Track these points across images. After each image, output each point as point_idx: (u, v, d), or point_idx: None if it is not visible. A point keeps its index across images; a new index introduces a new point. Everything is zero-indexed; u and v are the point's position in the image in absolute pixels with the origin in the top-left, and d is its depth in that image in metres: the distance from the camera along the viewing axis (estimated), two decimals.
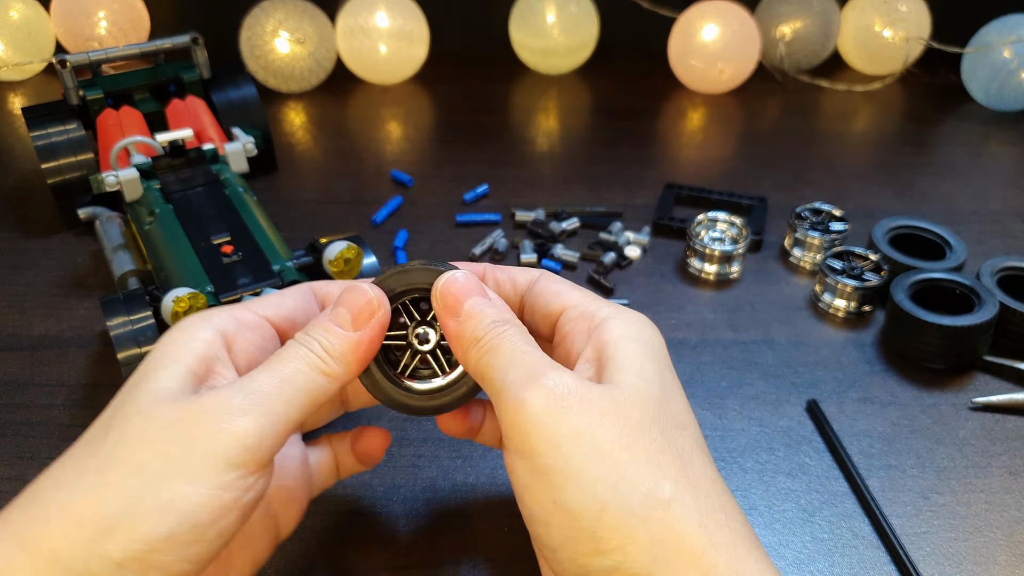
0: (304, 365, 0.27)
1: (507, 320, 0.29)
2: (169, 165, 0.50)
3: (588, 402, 0.26)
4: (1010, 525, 0.37)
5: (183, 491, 0.24)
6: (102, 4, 0.75)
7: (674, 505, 0.24)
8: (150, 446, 0.25)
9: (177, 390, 0.26)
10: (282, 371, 0.27)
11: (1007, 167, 0.67)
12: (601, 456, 0.25)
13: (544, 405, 0.25)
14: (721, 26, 0.74)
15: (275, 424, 0.26)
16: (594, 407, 0.26)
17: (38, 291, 0.51)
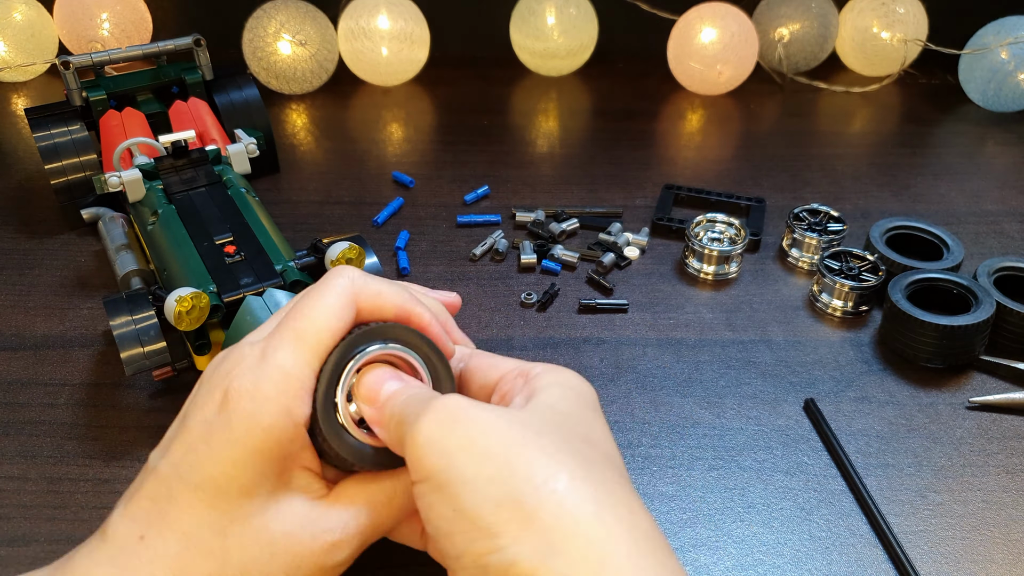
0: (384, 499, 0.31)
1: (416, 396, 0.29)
2: (172, 166, 0.50)
3: (479, 415, 0.26)
4: (1007, 524, 0.38)
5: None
6: (105, 6, 0.75)
7: (569, 495, 0.24)
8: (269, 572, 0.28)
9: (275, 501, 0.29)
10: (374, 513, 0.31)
11: (1004, 168, 0.67)
12: (492, 458, 0.25)
13: (436, 424, 0.26)
14: (720, 28, 0.74)
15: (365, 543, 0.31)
16: (485, 417, 0.26)
17: (41, 291, 0.52)
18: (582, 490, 0.24)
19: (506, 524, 0.24)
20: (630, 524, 0.24)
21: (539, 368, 0.30)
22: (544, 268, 0.54)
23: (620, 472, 0.27)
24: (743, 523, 0.38)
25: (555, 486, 0.24)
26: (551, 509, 0.24)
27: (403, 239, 0.56)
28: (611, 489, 0.25)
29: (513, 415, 0.27)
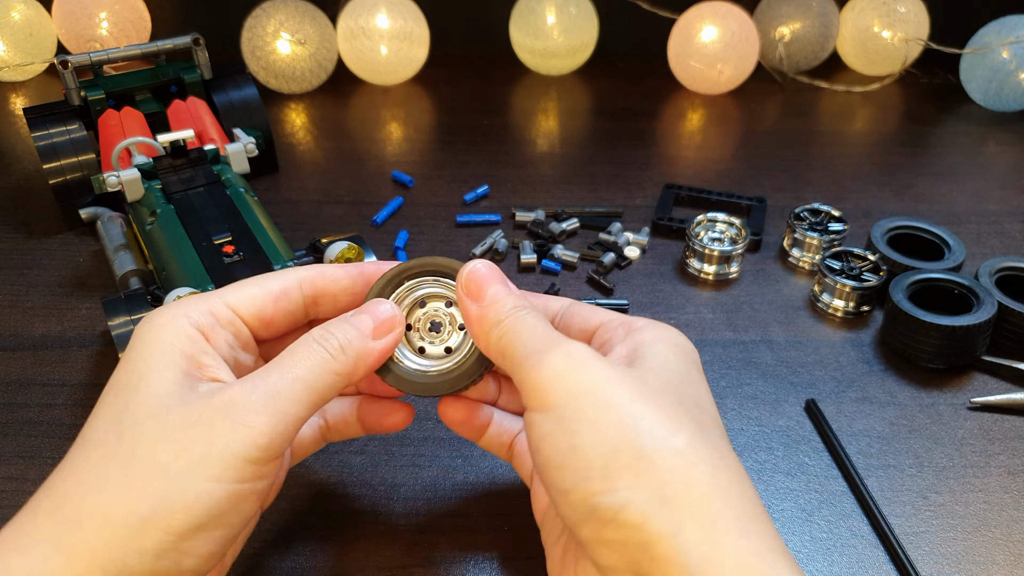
0: (317, 365, 0.28)
1: (526, 306, 0.30)
2: (170, 165, 0.50)
3: (605, 366, 0.27)
4: (1008, 524, 0.38)
5: (207, 488, 0.26)
6: (103, 5, 0.75)
7: (688, 453, 0.25)
8: (171, 448, 0.26)
9: (178, 392, 0.27)
10: (296, 370, 0.28)
11: (1005, 167, 0.67)
12: (617, 406, 0.26)
13: (564, 363, 0.27)
14: (720, 27, 0.74)
15: (287, 423, 0.27)
16: (611, 370, 0.27)
17: (40, 291, 0.51)
18: (700, 451, 0.25)
19: (623, 469, 0.25)
20: (740, 490, 0.25)
21: (642, 322, 0.31)
22: (544, 268, 0.54)
23: (727, 440, 0.28)
24: None
25: (676, 443, 0.25)
26: (669, 463, 0.25)
27: (402, 239, 0.56)
28: (724, 454, 0.26)
29: (633, 372, 0.27)
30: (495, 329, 0.29)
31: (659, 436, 0.25)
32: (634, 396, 0.26)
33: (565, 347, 0.27)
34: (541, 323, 0.29)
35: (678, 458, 0.25)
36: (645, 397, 0.26)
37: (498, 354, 0.29)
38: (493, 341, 0.29)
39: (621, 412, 0.26)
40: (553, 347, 0.27)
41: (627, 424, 0.25)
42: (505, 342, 0.29)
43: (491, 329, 0.29)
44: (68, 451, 0.28)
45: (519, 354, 0.28)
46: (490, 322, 0.30)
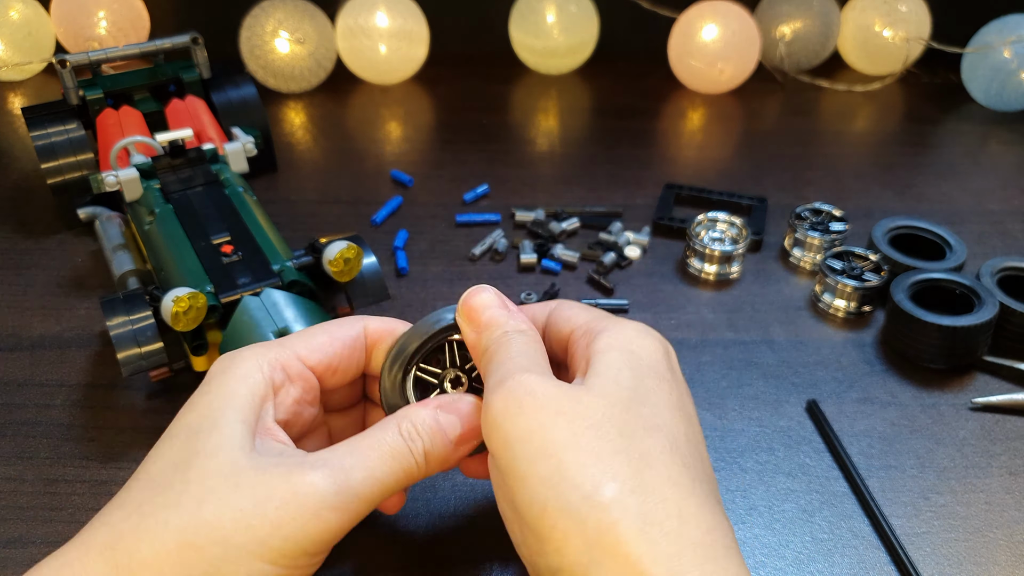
0: (400, 468, 0.28)
1: (520, 330, 0.29)
2: (169, 165, 0.50)
3: (544, 403, 0.26)
4: (1010, 525, 0.37)
5: (260, 568, 0.25)
6: (102, 4, 0.75)
7: (614, 508, 0.24)
8: (237, 517, 0.25)
9: (248, 451, 0.27)
10: (378, 470, 0.27)
11: (1007, 167, 0.67)
12: (547, 457, 0.25)
13: (502, 406, 0.26)
14: (721, 26, 0.74)
15: (355, 520, 0.27)
16: (550, 408, 0.26)
17: (38, 291, 0.51)
18: (628, 502, 0.24)
19: (552, 530, 0.24)
20: (677, 536, 0.23)
21: (603, 324, 0.29)
22: (544, 268, 0.54)
23: (682, 462, 0.26)
24: (745, 525, 0.37)
25: (601, 497, 0.24)
26: (595, 522, 0.23)
27: (402, 238, 0.56)
28: (664, 496, 0.24)
29: (575, 400, 0.26)
30: (484, 356, 0.29)
31: (587, 490, 0.24)
32: (565, 440, 0.25)
33: (508, 383, 0.26)
34: (518, 348, 0.28)
35: (604, 513, 0.23)
36: (575, 438, 0.25)
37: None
38: (481, 370, 0.29)
39: (550, 464, 0.25)
40: (501, 384, 0.27)
41: (555, 479, 0.24)
42: (485, 371, 0.28)
43: (481, 356, 0.29)
44: (128, 481, 0.27)
45: (487, 386, 0.28)
46: (481, 348, 0.29)
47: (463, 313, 0.30)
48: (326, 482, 0.26)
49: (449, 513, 0.38)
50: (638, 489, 0.24)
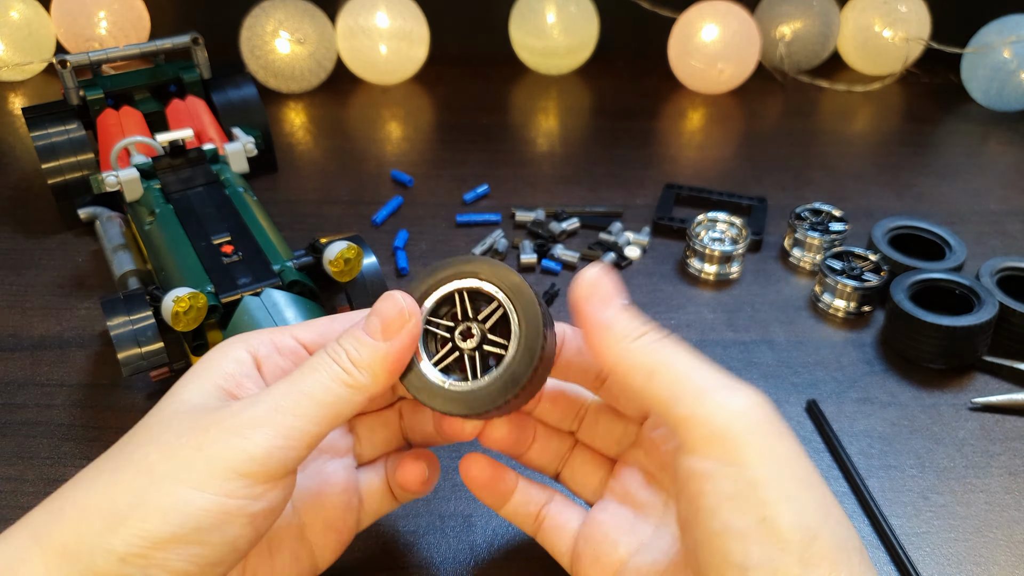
0: (326, 377, 0.26)
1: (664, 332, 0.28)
2: (169, 165, 0.50)
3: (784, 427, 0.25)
4: (1009, 525, 0.37)
5: (187, 495, 0.24)
6: (102, 4, 0.75)
7: (864, 552, 0.24)
8: (161, 450, 0.25)
9: (200, 403, 0.27)
10: (302, 384, 0.26)
11: (1007, 167, 0.67)
12: (812, 486, 0.24)
13: (760, 418, 0.25)
14: (721, 26, 0.74)
15: (288, 438, 0.25)
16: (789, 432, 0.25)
17: (38, 291, 0.51)
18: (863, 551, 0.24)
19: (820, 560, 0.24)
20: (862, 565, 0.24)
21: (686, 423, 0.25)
22: (544, 268, 0.54)
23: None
24: None
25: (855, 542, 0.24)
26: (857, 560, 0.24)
27: (402, 239, 0.56)
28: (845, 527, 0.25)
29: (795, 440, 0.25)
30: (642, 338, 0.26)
31: (846, 529, 0.24)
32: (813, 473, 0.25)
33: (753, 395, 0.25)
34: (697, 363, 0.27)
35: (860, 556, 0.24)
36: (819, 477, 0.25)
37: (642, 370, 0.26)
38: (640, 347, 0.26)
39: (817, 494, 0.24)
40: (737, 391, 0.25)
41: (824, 510, 0.24)
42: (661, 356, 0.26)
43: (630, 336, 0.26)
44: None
45: (686, 379, 0.25)
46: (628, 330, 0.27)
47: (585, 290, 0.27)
48: (248, 401, 0.26)
49: (449, 513, 0.38)
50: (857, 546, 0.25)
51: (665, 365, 0.26)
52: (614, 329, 0.27)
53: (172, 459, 0.25)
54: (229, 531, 0.25)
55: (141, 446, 0.26)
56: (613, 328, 0.27)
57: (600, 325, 0.27)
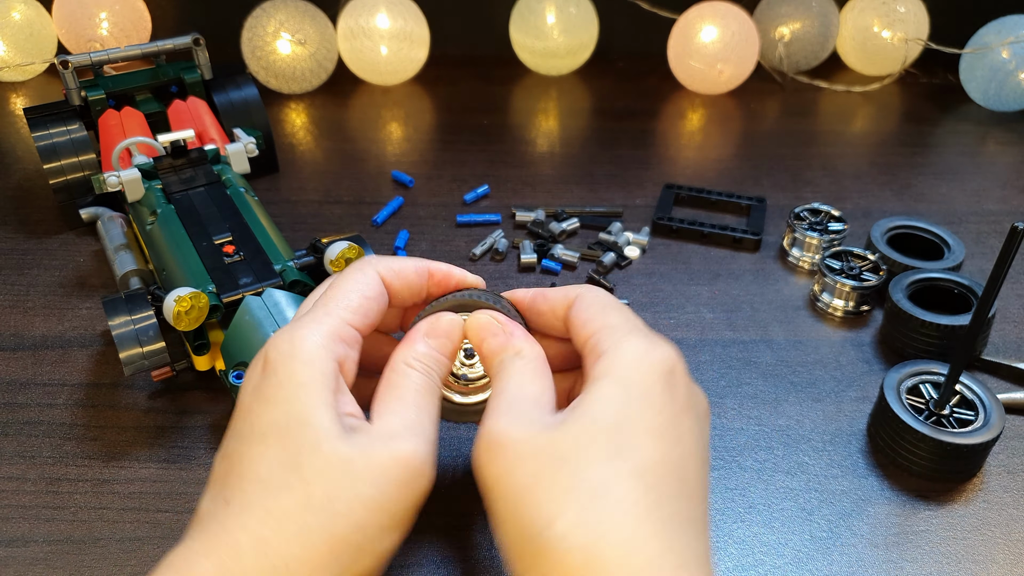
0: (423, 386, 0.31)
1: (517, 351, 0.32)
2: (171, 165, 0.50)
3: (512, 448, 0.27)
4: (1008, 524, 0.38)
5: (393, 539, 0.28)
6: (104, 5, 0.75)
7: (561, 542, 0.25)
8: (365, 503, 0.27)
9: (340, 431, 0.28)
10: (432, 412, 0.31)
11: (1005, 167, 0.67)
12: (508, 499, 0.27)
13: (476, 455, 0.29)
14: (720, 27, 0.74)
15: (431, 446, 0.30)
16: (517, 451, 0.27)
17: (40, 291, 0.51)
18: (574, 536, 0.25)
19: (518, 562, 0.26)
20: (620, 566, 0.24)
21: (608, 342, 0.30)
22: (544, 268, 0.54)
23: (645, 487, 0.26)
24: (744, 524, 0.38)
25: (552, 532, 0.25)
26: (548, 556, 0.25)
27: (403, 239, 0.56)
28: (610, 526, 0.25)
29: (545, 440, 0.27)
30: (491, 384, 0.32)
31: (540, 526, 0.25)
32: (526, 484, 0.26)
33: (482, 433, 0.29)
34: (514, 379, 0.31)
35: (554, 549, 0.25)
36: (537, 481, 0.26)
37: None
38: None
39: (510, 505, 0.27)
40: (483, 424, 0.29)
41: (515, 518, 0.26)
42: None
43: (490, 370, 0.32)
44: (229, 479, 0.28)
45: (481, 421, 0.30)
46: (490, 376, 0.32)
47: (472, 342, 0.33)
48: (418, 444, 0.29)
49: (449, 512, 0.38)
50: (583, 523, 0.25)
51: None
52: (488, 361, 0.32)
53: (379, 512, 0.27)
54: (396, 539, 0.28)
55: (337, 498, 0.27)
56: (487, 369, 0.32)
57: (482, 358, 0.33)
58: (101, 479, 0.39)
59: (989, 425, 0.39)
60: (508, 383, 0.30)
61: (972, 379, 0.41)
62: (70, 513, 0.37)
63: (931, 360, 0.43)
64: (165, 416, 0.43)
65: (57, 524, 0.37)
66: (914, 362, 0.42)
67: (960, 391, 0.41)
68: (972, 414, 0.40)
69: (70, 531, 0.37)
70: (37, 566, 0.35)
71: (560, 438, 0.27)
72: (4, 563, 0.35)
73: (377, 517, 0.27)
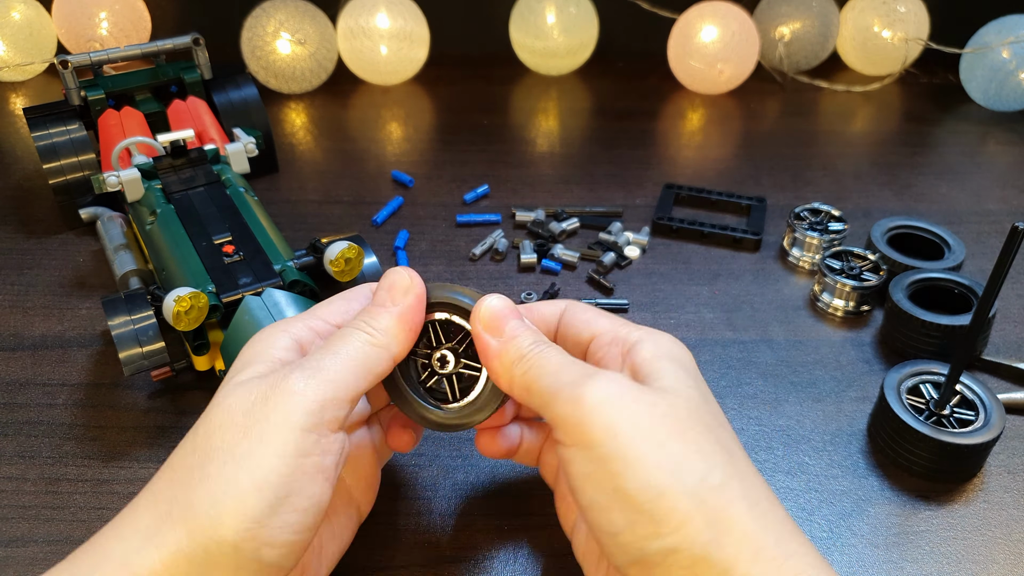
0: (357, 341, 0.30)
1: (546, 341, 0.31)
2: (170, 165, 0.50)
3: (641, 397, 0.28)
4: (1008, 524, 0.38)
5: (270, 464, 0.26)
6: (103, 5, 0.75)
7: (725, 490, 0.26)
8: (234, 430, 0.27)
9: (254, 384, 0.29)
10: (338, 348, 0.30)
11: (1005, 167, 0.67)
12: (658, 444, 0.26)
13: (603, 397, 0.27)
14: (720, 27, 0.74)
15: (335, 390, 0.28)
16: (646, 402, 0.27)
17: (40, 291, 0.51)
18: (734, 486, 0.26)
19: (670, 513, 0.25)
20: (774, 514, 0.27)
21: (635, 335, 0.31)
22: (544, 268, 0.54)
23: (746, 454, 0.29)
24: None
25: (712, 481, 0.26)
26: (712, 502, 0.26)
27: (402, 239, 0.56)
28: (752, 480, 0.27)
29: (662, 398, 0.28)
30: (519, 364, 0.30)
31: (699, 475, 0.26)
32: (673, 432, 0.27)
33: (599, 380, 0.28)
34: (566, 357, 0.30)
35: (719, 495, 0.26)
36: (680, 432, 0.27)
37: (522, 389, 0.30)
38: (517, 376, 0.30)
39: (663, 452, 0.26)
40: (586, 380, 0.28)
41: (670, 465, 0.26)
42: (531, 377, 0.29)
43: (513, 364, 0.30)
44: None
45: (548, 389, 0.29)
46: (511, 357, 0.30)
47: (482, 322, 0.31)
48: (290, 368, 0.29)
49: (449, 513, 0.38)
50: (736, 474, 0.27)
51: (537, 381, 0.29)
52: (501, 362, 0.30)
53: (246, 435, 0.27)
54: (311, 491, 0.27)
55: (214, 433, 0.27)
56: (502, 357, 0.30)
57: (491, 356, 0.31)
58: (101, 479, 0.39)
59: (989, 425, 0.39)
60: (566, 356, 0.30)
61: (972, 379, 0.41)
62: (70, 513, 0.37)
63: (931, 360, 0.43)
64: (165, 416, 0.43)
65: (57, 524, 0.37)
66: (914, 362, 0.42)
67: (960, 391, 0.41)
68: (972, 414, 0.40)
69: (70, 531, 0.37)
70: (37, 566, 0.35)
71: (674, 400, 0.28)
72: (4, 563, 0.35)
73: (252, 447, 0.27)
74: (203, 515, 0.26)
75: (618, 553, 0.27)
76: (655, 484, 0.26)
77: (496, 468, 0.40)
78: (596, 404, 0.27)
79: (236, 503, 0.26)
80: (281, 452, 0.27)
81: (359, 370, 0.29)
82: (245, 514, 0.26)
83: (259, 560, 0.26)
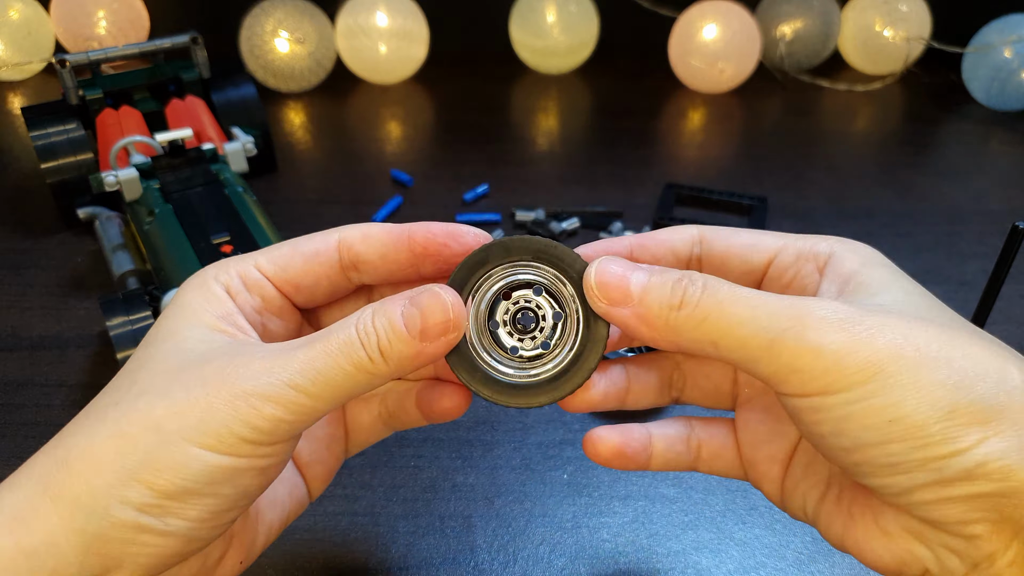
0: (348, 363, 0.25)
1: (687, 274, 0.26)
2: (168, 165, 0.50)
3: (884, 319, 0.24)
4: None
5: (197, 454, 0.24)
6: (102, 4, 0.75)
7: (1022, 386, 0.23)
8: (169, 406, 0.24)
9: (205, 351, 0.26)
10: (320, 364, 0.25)
11: (1008, 166, 0.67)
12: (931, 362, 0.23)
13: (845, 337, 0.24)
14: (721, 26, 0.73)
15: (297, 414, 0.25)
16: (893, 321, 0.24)
17: (37, 291, 0.51)
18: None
19: (964, 427, 0.23)
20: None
21: (822, 246, 0.27)
22: None
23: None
24: (745, 525, 0.37)
25: (1013, 382, 0.23)
26: (1018, 404, 0.23)
27: None
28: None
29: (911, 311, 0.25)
30: (673, 316, 0.25)
31: (994, 379, 0.23)
32: (943, 342, 0.24)
33: (823, 315, 0.24)
34: (736, 286, 0.25)
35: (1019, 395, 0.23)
36: (946, 339, 0.24)
37: (709, 344, 0.25)
38: (686, 333, 0.25)
39: (940, 367, 0.23)
40: (807, 319, 0.24)
41: (953, 380, 0.23)
42: (708, 328, 0.25)
43: (667, 318, 0.25)
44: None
45: (754, 338, 0.24)
46: (659, 314, 0.25)
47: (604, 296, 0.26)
48: (262, 368, 0.25)
49: (449, 513, 0.38)
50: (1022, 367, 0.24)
51: (732, 332, 0.24)
52: (648, 316, 0.25)
53: (181, 417, 0.24)
54: (241, 482, 0.25)
55: (146, 397, 0.25)
56: (653, 323, 0.25)
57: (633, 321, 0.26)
58: None
59: None
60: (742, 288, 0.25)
61: None
62: None
63: None
64: None
65: None
66: None
67: None
68: None
69: None
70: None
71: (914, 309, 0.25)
72: None
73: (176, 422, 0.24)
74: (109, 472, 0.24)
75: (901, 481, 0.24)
76: (941, 403, 0.23)
77: (496, 469, 0.40)
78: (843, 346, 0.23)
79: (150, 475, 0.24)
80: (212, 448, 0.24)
81: (335, 396, 0.25)
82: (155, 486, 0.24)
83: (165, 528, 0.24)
